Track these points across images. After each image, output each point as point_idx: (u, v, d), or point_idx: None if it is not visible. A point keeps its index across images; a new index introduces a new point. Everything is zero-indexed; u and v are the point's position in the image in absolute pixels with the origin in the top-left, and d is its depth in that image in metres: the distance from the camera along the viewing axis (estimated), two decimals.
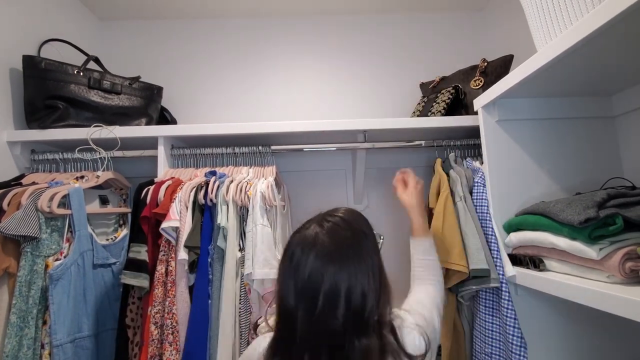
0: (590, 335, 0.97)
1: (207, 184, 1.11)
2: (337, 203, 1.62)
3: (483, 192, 1.06)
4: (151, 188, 1.12)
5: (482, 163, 1.13)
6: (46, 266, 0.96)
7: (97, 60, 1.35)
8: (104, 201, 1.23)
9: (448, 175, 1.15)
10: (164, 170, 1.26)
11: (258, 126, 1.28)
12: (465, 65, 1.39)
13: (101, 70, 1.35)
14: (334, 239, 0.64)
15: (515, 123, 1.05)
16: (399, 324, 0.67)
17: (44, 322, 0.95)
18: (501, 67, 1.27)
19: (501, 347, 0.96)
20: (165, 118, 1.53)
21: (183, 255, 1.01)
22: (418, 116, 1.43)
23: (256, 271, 0.99)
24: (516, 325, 0.90)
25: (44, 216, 0.97)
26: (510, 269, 0.94)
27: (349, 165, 1.63)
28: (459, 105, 1.35)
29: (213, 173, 1.17)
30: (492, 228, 1.01)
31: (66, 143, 1.27)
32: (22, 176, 1.20)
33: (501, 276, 0.95)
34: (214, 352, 1.01)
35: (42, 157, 1.26)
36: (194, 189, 1.10)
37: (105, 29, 1.71)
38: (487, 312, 0.99)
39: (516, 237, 0.96)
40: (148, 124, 1.39)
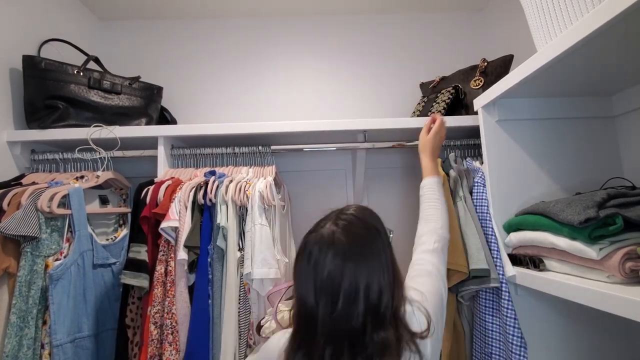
0: (590, 335, 0.97)
1: (206, 183, 1.11)
2: (337, 203, 1.62)
3: (483, 192, 1.06)
4: (151, 188, 1.12)
5: (482, 163, 1.13)
6: (46, 266, 0.96)
7: (97, 60, 1.35)
8: (104, 201, 1.23)
9: (448, 175, 1.15)
10: (164, 170, 1.26)
11: (258, 126, 1.28)
12: (465, 65, 1.39)
13: (101, 70, 1.35)
14: (350, 237, 0.64)
15: (515, 123, 1.05)
16: (409, 309, 0.68)
17: (44, 322, 0.95)
18: (501, 67, 1.27)
19: (501, 347, 0.96)
20: (165, 118, 1.53)
21: (182, 255, 1.01)
22: (418, 116, 1.43)
23: (255, 271, 0.99)
24: (516, 325, 0.90)
25: (44, 216, 0.97)
26: (510, 269, 0.94)
27: (349, 165, 1.63)
28: (459, 105, 1.35)
29: (212, 173, 1.17)
30: (492, 228, 1.01)
31: (66, 143, 1.27)
32: (22, 176, 1.20)
33: (501, 276, 0.95)
34: (217, 352, 1.01)
35: (42, 157, 1.26)
36: (194, 188, 1.10)
37: (105, 29, 1.71)
38: (487, 312, 0.99)
39: (516, 237, 0.96)
40: (148, 124, 1.40)
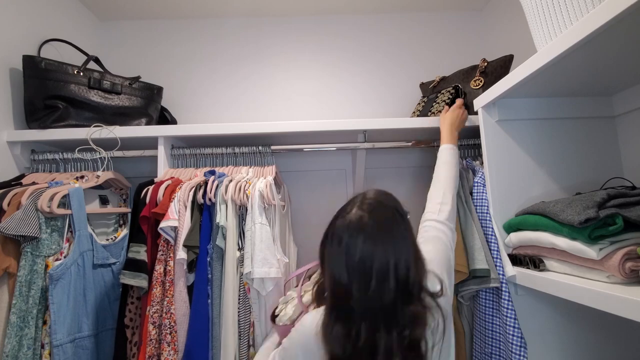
0: (590, 335, 0.97)
1: (205, 183, 1.11)
2: (337, 203, 1.63)
3: (483, 192, 1.06)
4: (150, 188, 1.12)
5: (482, 163, 1.12)
6: (46, 266, 0.96)
7: (97, 60, 1.35)
8: (104, 201, 1.23)
9: None
10: (164, 170, 1.26)
11: (258, 126, 1.29)
12: (465, 65, 1.39)
13: (101, 70, 1.35)
14: (377, 220, 0.68)
15: (515, 123, 1.05)
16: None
17: (44, 322, 0.95)
18: (501, 67, 1.27)
19: (501, 347, 0.96)
20: (165, 118, 1.54)
21: (182, 254, 1.01)
22: (418, 116, 1.43)
23: (255, 270, 0.99)
24: (516, 325, 0.90)
25: (44, 216, 0.97)
26: (510, 269, 0.94)
27: (349, 165, 1.63)
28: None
29: (212, 172, 1.17)
30: (492, 228, 1.01)
31: (66, 143, 1.27)
32: (22, 176, 1.20)
33: (501, 276, 0.95)
34: (217, 352, 1.01)
35: (42, 157, 1.27)
36: (193, 188, 1.10)
37: (105, 29, 1.71)
38: (487, 312, 0.99)
39: (516, 237, 0.96)
40: (148, 124, 1.40)
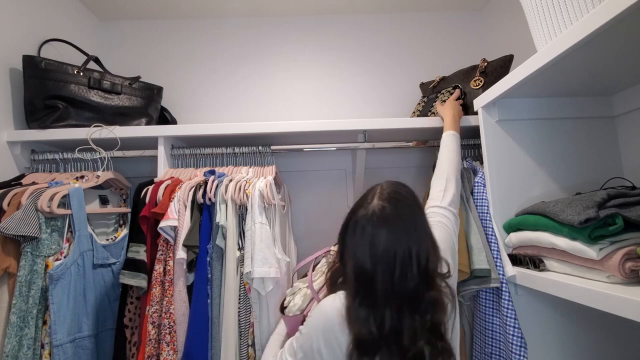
0: (590, 335, 0.97)
1: (205, 183, 1.11)
2: (337, 203, 1.64)
3: (483, 192, 1.06)
4: (150, 188, 1.12)
5: (482, 163, 1.12)
6: (46, 266, 0.96)
7: (97, 60, 1.35)
8: (104, 201, 1.23)
9: None
10: (164, 170, 1.26)
11: (258, 126, 1.28)
12: (465, 65, 1.39)
13: (101, 70, 1.35)
14: (399, 210, 0.70)
15: (515, 123, 1.05)
16: None
17: (44, 322, 0.95)
18: (501, 67, 1.27)
19: (501, 347, 0.96)
20: (165, 118, 1.53)
21: (181, 254, 1.01)
22: (418, 116, 1.43)
23: (255, 270, 0.99)
24: (516, 325, 0.90)
25: (44, 216, 0.97)
26: (511, 269, 0.94)
27: (349, 165, 1.63)
28: (463, 106, 1.33)
29: (212, 172, 1.17)
30: (492, 228, 1.01)
31: (66, 143, 1.27)
32: (22, 176, 1.20)
33: (501, 276, 0.95)
34: (217, 352, 1.01)
35: (42, 157, 1.26)
36: (193, 188, 1.10)
37: (105, 29, 1.71)
38: (487, 312, 0.99)
39: (516, 237, 0.96)
40: (148, 124, 1.40)
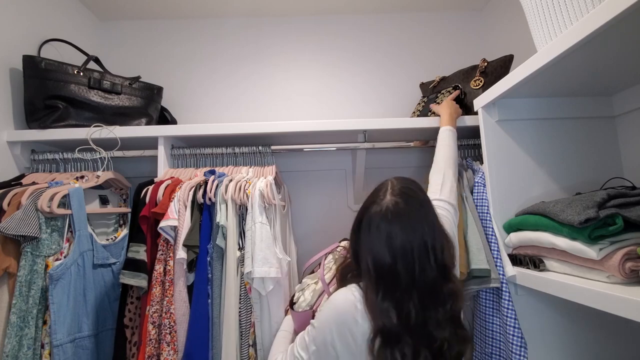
0: (590, 335, 0.97)
1: (205, 183, 1.11)
2: (337, 203, 1.65)
3: (483, 192, 1.06)
4: (150, 188, 1.12)
5: (482, 163, 1.12)
6: (46, 266, 0.96)
7: (97, 60, 1.35)
8: (104, 201, 1.23)
9: None
10: (164, 170, 1.26)
11: (258, 126, 1.28)
12: (465, 65, 1.39)
13: (101, 70, 1.35)
14: (412, 205, 0.73)
15: (515, 123, 1.05)
16: None
17: (44, 322, 0.95)
18: (501, 67, 1.27)
19: (501, 347, 0.96)
20: (165, 118, 1.53)
21: (182, 254, 1.01)
22: (418, 116, 1.43)
23: (256, 269, 0.99)
24: (516, 325, 0.90)
25: (44, 216, 0.97)
26: (511, 269, 0.94)
27: (349, 165, 1.63)
28: (460, 105, 1.34)
29: (212, 172, 1.17)
30: (492, 228, 1.01)
31: (66, 143, 1.27)
32: (22, 176, 1.20)
33: (501, 276, 0.95)
34: (217, 352, 1.01)
35: (42, 157, 1.26)
36: (193, 188, 1.10)
37: (105, 29, 1.71)
38: (487, 312, 0.99)
39: (516, 237, 0.96)
40: (148, 124, 1.40)
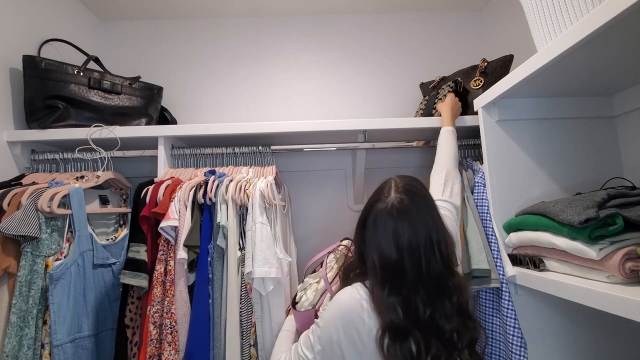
0: (590, 335, 0.97)
1: (206, 183, 1.11)
2: (337, 203, 1.65)
3: (483, 192, 1.06)
4: (150, 188, 1.12)
5: (482, 163, 1.12)
6: (46, 266, 0.96)
7: (97, 60, 1.35)
8: (104, 201, 1.23)
9: None
10: (164, 170, 1.26)
11: (258, 126, 1.28)
12: (465, 65, 1.39)
13: (101, 70, 1.35)
14: (417, 202, 0.74)
15: (515, 123, 1.05)
16: None
17: (44, 322, 0.95)
18: (501, 67, 1.27)
19: (501, 347, 0.96)
20: (165, 118, 1.53)
21: (182, 254, 1.01)
22: (422, 115, 1.42)
23: (256, 270, 0.99)
24: (516, 325, 0.90)
25: (44, 216, 0.97)
26: (511, 269, 0.94)
27: (349, 165, 1.63)
28: (464, 103, 1.32)
29: (212, 172, 1.17)
30: (492, 228, 1.01)
31: (66, 143, 1.27)
32: (22, 176, 1.20)
33: (501, 276, 0.95)
34: (219, 352, 1.01)
35: (42, 157, 1.26)
36: (193, 188, 1.10)
37: (105, 29, 1.71)
38: (487, 312, 0.99)
39: (516, 237, 0.96)
40: (148, 124, 1.40)
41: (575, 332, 0.96)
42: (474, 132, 1.14)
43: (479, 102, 1.09)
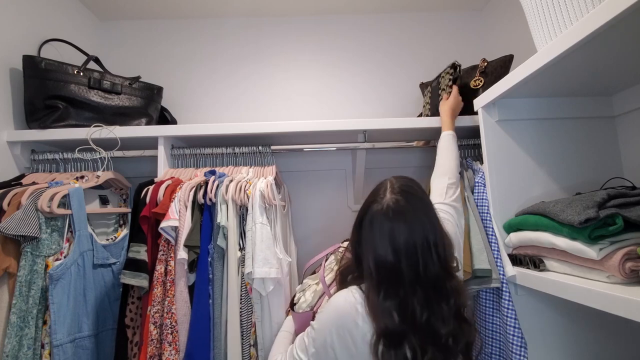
0: (590, 335, 0.97)
1: (206, 183, 1.11)
2: (337, 203, 1.64)
3: (483, 192, 1.06)
4: (151, 188, 1.12)
5: (482, 163, 1.12)
6: (46, 266, 0.96)
7: (97, 60, 1.35)
8: (104, 201, 1.23)
9: None
10: (164, 170, 1.26)
11: (258, 126, 1.28)
12: (465, 65, 1.39)
13: (101, 70, 1.35)
14: (413, 203, 0.74)
15: (515, 123, 1.05)
16: None
17: (44, 322, 0.95)
18: (501, 67, 1.26)
19: (501, 347, 0.96)
20: (165, 118, 1.53)
21: (182, 254, 1.01)
22: (429, 109, 1.40)
23: (256, 270, 0.99)
24: (516, 325, 0.90)
25: (44, 216, 0.97)
26: (511, 269, 0.94)
27: (349, 165, 1.64)
28: (464, 98, 1.30)
29: (212, 172, 1.17)
30: (492, 228, 1.01)
31: (66, 143, 1.27)
32: (22, 176, 1.20)
33: (502, 276, 0.95)
34: (219, 352, 1.01)
35: (42, 157, 1.26)
36: (194, 188, 1.10)
37: (105, 29, 1.71)
38: (487, 312, 0.99)
39: (516, 237, 0.96)
40: (148, 124, 1.40)
41: (575, 332, 0.96)
42: (474, 132, 1.14)
43: (479, 102, 1.09)
